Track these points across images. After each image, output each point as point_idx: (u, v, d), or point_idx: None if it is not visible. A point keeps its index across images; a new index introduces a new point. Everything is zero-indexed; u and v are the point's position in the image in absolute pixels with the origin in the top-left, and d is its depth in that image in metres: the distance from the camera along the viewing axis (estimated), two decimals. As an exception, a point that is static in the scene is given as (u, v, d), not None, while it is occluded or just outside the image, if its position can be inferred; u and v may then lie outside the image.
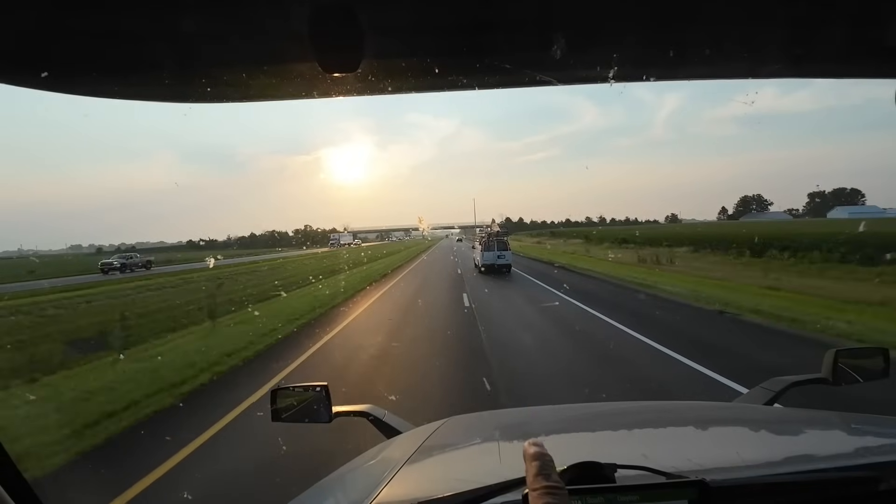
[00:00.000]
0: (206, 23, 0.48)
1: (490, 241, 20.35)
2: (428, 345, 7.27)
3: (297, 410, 1.42)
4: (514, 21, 0.50)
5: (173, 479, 3.51)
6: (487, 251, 20.11)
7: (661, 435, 1.27)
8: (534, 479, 0.46)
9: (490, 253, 20.10)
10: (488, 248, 20.16)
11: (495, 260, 20.08)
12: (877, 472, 0.81)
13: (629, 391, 4.87)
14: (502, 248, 20.28)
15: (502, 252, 20.16)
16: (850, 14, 0.50)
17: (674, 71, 0.58)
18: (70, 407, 5.10)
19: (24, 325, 10.68)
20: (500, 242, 20.35)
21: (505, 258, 20.11)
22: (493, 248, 20.14)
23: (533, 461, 0.47)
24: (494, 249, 20.13)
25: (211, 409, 4.81)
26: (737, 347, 6.67)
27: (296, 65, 0.54)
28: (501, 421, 1.56)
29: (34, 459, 3.92)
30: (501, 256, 20.09)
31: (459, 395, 4.94)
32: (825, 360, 1.45)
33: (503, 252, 20.16)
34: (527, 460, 0.47)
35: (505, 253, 20.16)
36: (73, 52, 0.52)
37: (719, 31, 0.52)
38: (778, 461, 0.97)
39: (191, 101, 0.58)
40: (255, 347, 7.46)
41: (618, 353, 6.42)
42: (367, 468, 1.19)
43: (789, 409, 1.49)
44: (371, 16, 0.47)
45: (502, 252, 20.16)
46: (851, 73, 0.67)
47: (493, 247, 20.17)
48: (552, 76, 0.56)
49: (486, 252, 20.10)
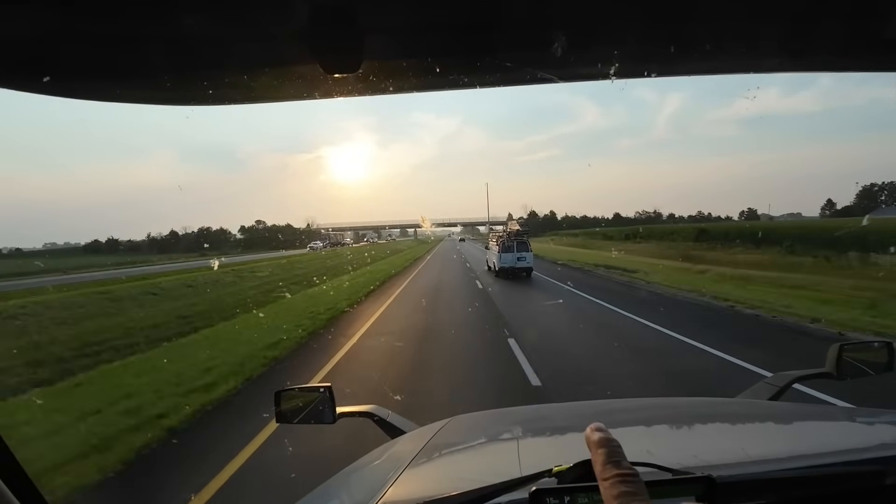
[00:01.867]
0: (207, 26, 0.48)
1: (509, 241, 18.32)
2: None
3: (302, 412, 1.42)
4: (515, 19, 0.50)
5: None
6: (506, 252, 18.16)
7: (666, 431, 1.27)
8: (603, 468, 0.41)
9: (509, 255, 18.13)
10: (507, 249, 18.23)
11: (514, 262, 18.06)
12: (883, 466, 0.81)
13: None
14: (523, 250, 18.21)
15: (523, 254, 18.15)
16: (849, 7, 0.50)
17: (674, 66, 0.58)
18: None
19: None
20: (521, 243, 18.33)
21: (525, 260, 18.13)
22: (512, 250, 18.18)
23: (599, 448, 0.42)
24: (514, 251, 18.14)
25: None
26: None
27: (297, 66, 0.54)
28: (506, 419, 1.56)
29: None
30: (522, 258, 18.10)
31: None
32: (829, 355, 1.45)
33: (524, 254, 18.16)
34: (591, 447, 0.43)
35: (526, 255, 18.17)
36: (75, 57, 0.52)
37: (720, 26, 0.52)
38: (784, 456, 0.97)
39: (193, 104, 0.59)
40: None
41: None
42: (372, 468, 1.19)
43: (794, 404, 1.49)
44: (371, 16, 0.48)
45: (523, 254, 18.15)
46: (851, 66, 0.68)
47: (512, 247, 18.20)
48: (553, 73, 0.56)
49: (503, 254, 18.17)
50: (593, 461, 0.44)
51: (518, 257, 18.02)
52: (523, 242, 18.42)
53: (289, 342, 7.67)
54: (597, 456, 0.43)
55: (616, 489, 0.40)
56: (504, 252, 18.17)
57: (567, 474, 0.71)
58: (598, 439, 0.43)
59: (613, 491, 0.40)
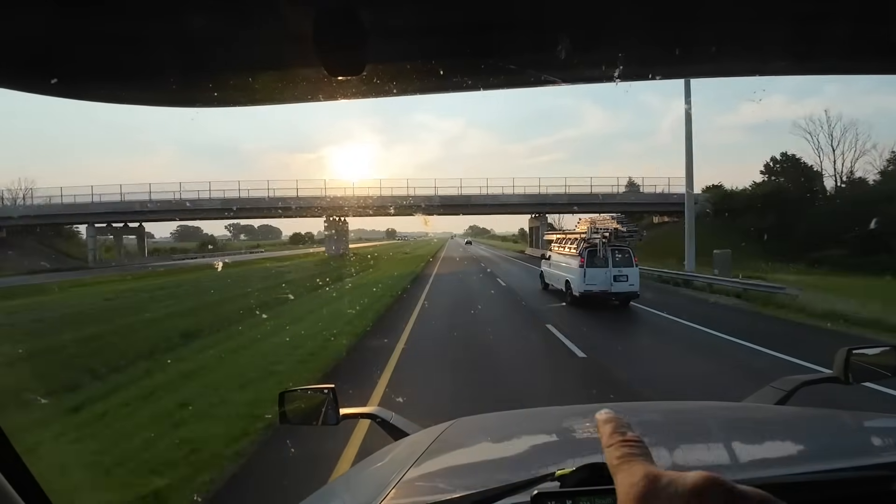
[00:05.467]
0: (212, 27, 0.49)
1: (603, 249, 11.35)
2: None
3: (305, 413, 1.42)
4: (518, 21, 0.50)
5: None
6: (593, 268, 11.34)
7: (671, 435, 1.26)
8: (609, 437, 0.43)
9: (599, 271, 11.29)
10: (594, 261, 11.37)
11: (608, 284, 11.26)
12: (890, 472, 0.81)
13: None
14: (624, 264, 11.43)
15: (623, 270, 11.37)
16: (856, 10, 0.50)
17: (679, 69, 0.58)
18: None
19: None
20: (621, 253, 11.51)
21: (627, 281, 11.37)
22: (603, 263, 11.34)
23: (606, 424, 0.44)
24: (608, 265, 11.32)
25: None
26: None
27: (300, 69, 0.55)
28: (509, 422, 1.56)
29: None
30: (622, 278, 11.34)
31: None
32: (837, 359, 1.43)
33: (625, 270, 11.39)
34: (599, 424, 0.45)
35: (628, 272, 11.41)
36: (83, 59, 0.52)
37: (725, 27, 0.52)
38: (790, 461, 0.96)
39: (198, 106, 0.59)
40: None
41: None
42: (375, 470, 1.19)
43: (801, 409, 1.48)
44: (375, 19, 0.48)
45: (623, 270, 11.37)
46: (857, 69, 0.67)
47: (604, 259, 11.35)
48: (557, 76, 0.56)
49: (589, 269, 11.34)
50: (600, 436, 0.45)
51: (616, 275, 11.34)
52: (624, 252, 11.62)
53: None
54: (604, 430, 0.44)
55: (618, 451, 0.41)
56: (590, 267, 11.43)
57: (570, 478, 0.71)
58: (604, 418, 0.46)
59: (616, 453, 0.41)
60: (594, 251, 11.46)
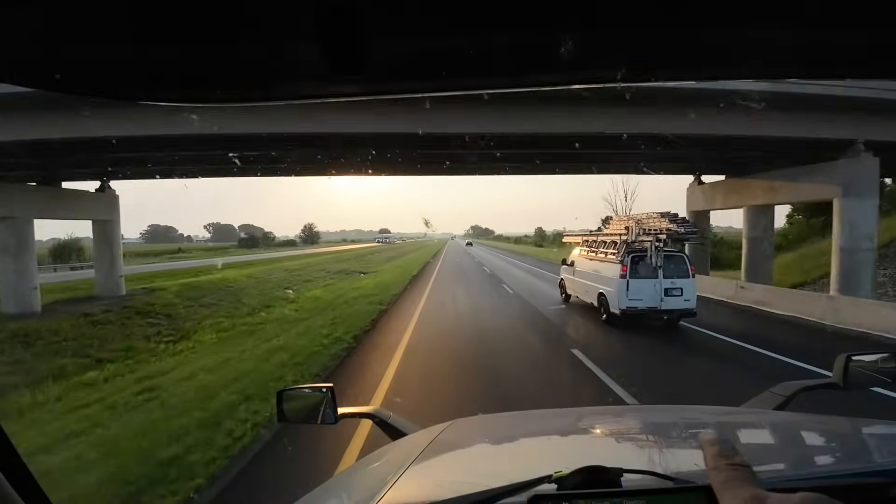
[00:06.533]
0: (213, 24, 0.48)
1: (652, 252, 8.91)
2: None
3: (303, 412, 1.42)
4: (521, 21, 0.50)
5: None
6: (637, 277, 8.89)
7: (668, 439, 1.26)
8: (714, 460, 0.43)
9: (646, 283, 8.86)
10: (638, 270, 8.93)
11: (658, 300, 8.83)
12: (889, 479, 0.80)
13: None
14: (678, 274, 8.92)
15: (677, 282, 8.88)
16: (867, 15, 0.49)
17: (682, 72, 0.57)
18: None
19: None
20: (675, 261, 9.07)
21: (682, 296, 8.88)
22: (651, 273, 8.89)
23: (711, 446, 0.45)
24: (657, 275, 8.86)
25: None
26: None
27: (301, 67, 0.54)
28: (507, 423, 1.56)
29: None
30: (675, 290, 8.87)
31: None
32: (836, 365, 1.43)
33: (679, 282, 8.89)
34: (704, 445, 0.46)
35: (683, 283, 8.89)
36: (75, 55, 0.52)
37: (729, 32, 0.51)
38: (788, 467, 0.96)
39: (195, 104, 0.58)
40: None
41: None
42: (372, 470, 1.19)
43: (799, 415, 1.47)
44: (377, 18, 0.47)
45: (677, 282, 8.88)
46: (865, 74, 0.66)
47: (651, 268, 8.90)
48: (559, 76, 0.55)
49: (633, 280, 8.87)
50: (705, 457, 0.45)
51: (668, 288, 8.85)
52: (679, 258, 9.19)
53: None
54: (709, 451, 0.45)
55: (723, 474, 0.41)
56: (634, 277, 8.88)
57: (567, 480, 0.71)
58: (710, 439, 0.46)
59: (721, 476, 0.41)
60: (641, 257, 8.97)
